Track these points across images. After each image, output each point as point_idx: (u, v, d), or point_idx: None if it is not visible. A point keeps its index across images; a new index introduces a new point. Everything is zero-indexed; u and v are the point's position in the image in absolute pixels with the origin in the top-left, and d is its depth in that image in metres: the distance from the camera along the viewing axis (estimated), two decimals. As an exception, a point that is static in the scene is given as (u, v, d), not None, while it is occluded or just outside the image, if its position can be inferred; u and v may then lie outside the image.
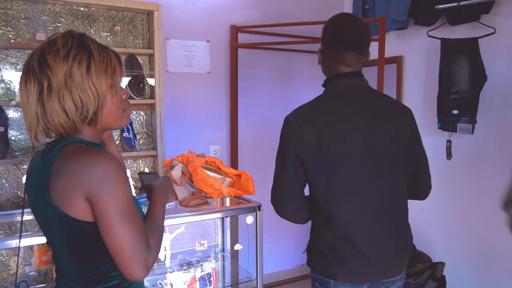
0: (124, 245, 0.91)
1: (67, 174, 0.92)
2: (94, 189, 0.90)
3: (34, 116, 0.96)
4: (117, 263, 0.93)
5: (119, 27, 2.56)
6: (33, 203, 1.03)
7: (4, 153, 2.21)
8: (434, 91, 2.59)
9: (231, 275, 2.46)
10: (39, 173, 0.99)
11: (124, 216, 0.92)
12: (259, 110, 3.21)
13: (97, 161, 0.91)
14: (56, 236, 0.99)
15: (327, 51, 1.42)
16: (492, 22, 2.41)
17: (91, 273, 1.00)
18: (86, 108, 0.96)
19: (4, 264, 2.26)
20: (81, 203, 0.92)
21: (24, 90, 0.96)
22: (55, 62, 0.94)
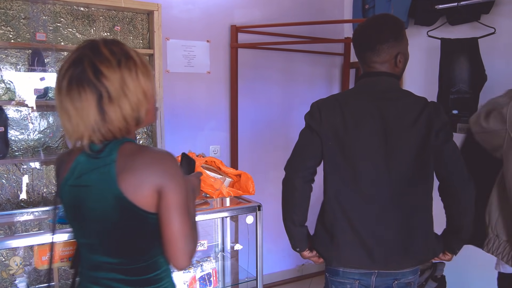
0: (179, 235, 1.02)
1: (142, 168, 1.00)
2: (165, 182, 1.01)
3: (94, 124, 0.99)
4: (168, 251, 1.04)
5: (119, 27, 2.56)
6: (79, 201, 1.06)
7: (4, 153, 2.21)
8: (434, 91, 2.59)
9: (231, 275, 2.46)
10: (91, 172, 1.04)
11: (184, 209, 1.03)
12: (259, 110, 3.21)
13: (166, 157, 1.03)
14: (116, 230, 1.05)
15: (355, 51, 1.49)
16: (492, 22, 2.41)
17: (143, 263, 1.08)
18: (139, 111, 1.04)
19: (4, 264, 2.26)
20: (152, 195, 1.01)
21: (78, 100, 0.98)
22: (109, 71, 0.99)
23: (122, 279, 1.08)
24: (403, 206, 1.38)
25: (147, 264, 1.08)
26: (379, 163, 1.37)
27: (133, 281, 1.08)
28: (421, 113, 1.36)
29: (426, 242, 1.42)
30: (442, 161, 1.38)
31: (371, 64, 1.43)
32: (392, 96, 1.40)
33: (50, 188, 2.42)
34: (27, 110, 2.35)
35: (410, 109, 1.38)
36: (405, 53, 1.45)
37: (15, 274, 2.24)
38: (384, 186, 1.37)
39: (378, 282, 1.44)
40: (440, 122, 1.37)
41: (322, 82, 3.45)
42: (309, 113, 1.48)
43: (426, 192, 1.40)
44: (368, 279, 1.43)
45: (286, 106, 3.24)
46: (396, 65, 1.43)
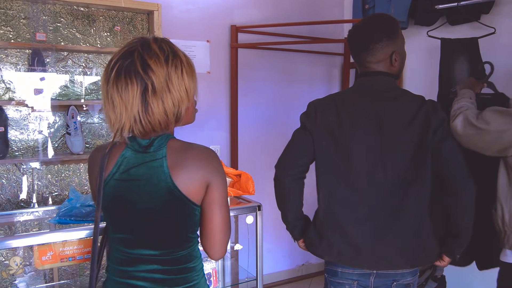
0: (220, 228, 1.12)
1: (193, 164, 1.08)
2: (213, 177, 1.10)
3: (136, 114, 1.04)
4: (208, 243, 1.13)
5: (119, 27, 2.56)
6: (125, 195, 1.10)
7: (4, 153, 2.21)
8: (434, 91, 2.58)
9: (231, 275, 2.46)
10: (140, 166, 1.09)
11: (225, 203, 1.13)
12: (259, 110, 3.21)
13: (211, 154, 1.13)
14: (164, 222, 1.09)
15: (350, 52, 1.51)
16: (492, 22, 2.41)
17: (183, 253, 1.13)
18: (180, 108, 1.08)
19: (4, 264, 2.26)
20: (201, 189, 1.09)
21: (125, 90, 1.03)
22: (157, 66, 1.04)
23: (162, 269, 1.12)
24: (398, 207, 1.36)
25: (185, 254, 1.14)
26: (374, 163, 1.36)
27: (172, 270, 1.13)
28: (418, 111, 1.35)
29: (420, 245, 1.39)
30: (441, 158, 1.36)
31: (366, 64, 1.44)
32: (388, 96, 1.40)
33: (50, 188, 2.42)
34: (27, 110, 2.35)
35: (407, 108, 1.37)
36: (401, 52, 1.45)
37: (15, 274, 2.24)
38: (379, 186, 1.36)
39: (376, 283, 1.43)
40: (437, 120, 1.35)
41: (322, 82, 3.45)
42: (305, 113, 1.49)
43: (423, 193, 1.38)
44: (367, 280, 1.43)
45: (286, 106, 3.24)
46: (392, 64, 1.42)
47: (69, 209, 1.80)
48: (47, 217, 2.00)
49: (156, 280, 1.12)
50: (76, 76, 2.47)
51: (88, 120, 2.52)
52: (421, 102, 1.38)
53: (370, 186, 1.37)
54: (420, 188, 1.37)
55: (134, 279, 1.12)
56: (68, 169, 2.46)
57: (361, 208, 1.38)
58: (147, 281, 1.12)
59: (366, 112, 1.38)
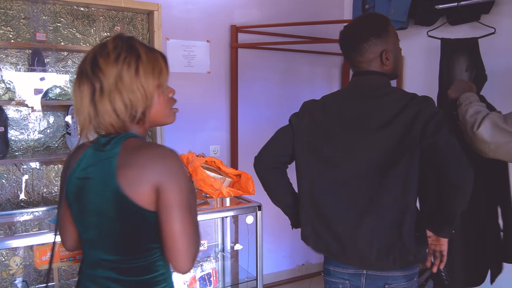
0: (181, 237, 0.98)
1: (140, 165, 0.99)
2: (164, 179, 0.98)
3: (87, 117, 1.01)
4: (168, 253, 0.99)
5: (119, 27, 2.56)
6: (82, 193, 1.06)
7: (4, 153, 2.21)
8: (434, 91, 2.58)
9: (231, 275, 2.46)
10: (95, 164, 1.04)
11: (185, 209, 0.99)
12: (259, 110, 3.21)
13: (168, 154, 1.00)
14: (113, 225, 1.03)
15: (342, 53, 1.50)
16: (492, 22, 2.41)
17: (141, 263, 1.04)
18: (135, 109, 1.02)
19: (4, 264, 2.26)
20: (150, 192, 0.98)
21: (78, 92, 1.02)
22: (106, 66, 1.00)
23: (118, 279, 1.05)
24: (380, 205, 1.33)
25: (144, 265, 1.05)
26: (356, 160, 1.35)
27: (129, 282, 1.05)
28: (406, 106, 1.31)
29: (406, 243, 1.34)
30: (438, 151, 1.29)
31: (357, 64, 1.42)
32: (378, 94, 1.38)
33: (50, 188, 2.42)
34: (27, 110, 2.35)
35: (394, 104, 1.33)
36: (393, 50, 1.41)
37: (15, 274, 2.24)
38: (361, 185, 1.35)
39: (368, 285, 1.41)
40: (428, 113, 1.29)
41: (322, 82, 3.45)
42: (297, 112, 1.52)
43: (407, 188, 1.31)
44: (358, 281, 1.42)
45: (286, 106, 3.24)
46: (384, 63, 1.39)
47: (69, 209, 1.79)
48: (47, 217, 2.00)
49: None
50: (76, 76, 2.47)
51: (88, 120, 2.52)
52: (410, 98, 1.34)
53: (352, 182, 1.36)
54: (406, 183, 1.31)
55: (96, 284, 1.08)
56: (68, 169, 2.45)
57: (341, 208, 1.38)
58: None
59: (353, 110, 1.38)
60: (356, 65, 1.43)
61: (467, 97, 1.71)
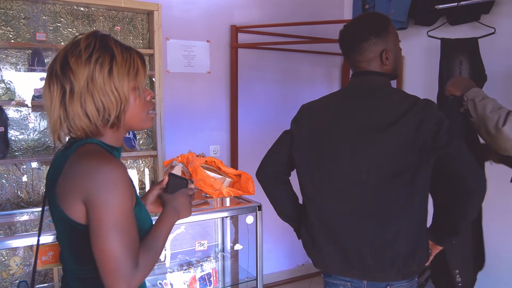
0: (109, 257, 0.89)
1: (72, 175, 0.92)
2: (92, 195, 0.89)
3: (57, 119, 0.96)
4: (100, 273, 0.91)
5: (119, 27, 2.56)
6: (48, 197, 1.02)
7: (4, 153, 2.21)
8: (434, 91, 2.58)
9: (231, 275, 2.46)
10: (55, 168, 1.00)
11: (116, 228, 0.89)
12: (259, 110, 3.21)
13: (102, 167, 0.90)
14: (59, 235, 1.01)
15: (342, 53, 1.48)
16: (492, 22, 2.41)
17: (94, 274, 0.96)
18: (108, 112, 0.95)
19: (4, 264, 2.26)
20: (79, 206, 0.91)
21: (48, 93, 0.96)
22: (77, 66, 0.93)
23: None
24: (384, 213, 1.29)
25: (97, 277, 0.96)
26: (358, 164, 1.30)
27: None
28: (408, 111, 1.27)
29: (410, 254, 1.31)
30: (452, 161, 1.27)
31: (357, 64, 1.40)
32: (378, 95, 1.34)
33: (50, 188, 2.43)
34: (27, 110, 2.35)
35: (395, 106, 1.30)
36: (393, 50, 1.38)
37: (15, 274, 2.24)
38: (363, 188, 1.30)
39: (370, 286, 1.37)
40: (435, 120, 1.26)
41: (322, 82, 3.45)
42: (295, 116, 1.50)
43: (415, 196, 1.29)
44: (360, 282, 1.38)
45: (286, 106, 3.24)
46: (384, 63, 1.37)
47: (69, 209, 1.79)
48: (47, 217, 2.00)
49: None
50: (76, 76, 2.46)
51: (88, 120, 2.52)
52: (413, 101, 1.30)
53: (354, 187, 1.31)
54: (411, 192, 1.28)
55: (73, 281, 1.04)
56: (68, 169, 2.45)
57: (346, 212, 1.33)
58: None
59: (352, 112, 1.34)
60: (355, 65, 1.40)
61: (477, 92, 1.61)
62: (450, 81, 1.71)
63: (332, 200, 1.35)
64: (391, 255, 1.30)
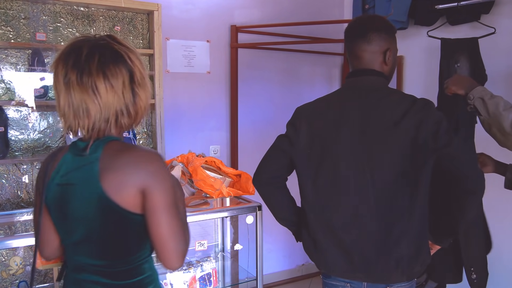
0: (169, 238, 1.00)
1: (123, 168, 0.99)
2: (149, 183, 0.99)
3: (123, 104, 1.02)
4: (158, 253, 1.02)
5: (119, 27, 2.56)
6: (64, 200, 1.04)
7: (4, 153, 2.21)
8: (434, 91, 2.58)
9: (231, 275, 2.46)
10: (76, 170, 1.03)
11: (172, 210, 1.01)
12: (259, 110, 3.21)
13: (151, 157, 1.01)
14: (99, 230, 1.03)
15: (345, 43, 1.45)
16: (492, 22, 2.41)
17: (127, 267, 1.05)
18: None
19: (4, 264, 2.26)
20: (135, 196, 0.99)
21: (114, 77, 1.00)
22: None
23: (106, 283, 1.05)
24: (388, 214, 1.29)
25: (132, 268, 1.06)
26: (361, 166, 1.29)
27: (117, 286, 1.05)
28: (408, 111, 1.27)
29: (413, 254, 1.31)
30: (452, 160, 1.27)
31: (360, 53, 1.37)
32: (377, 96, 1.34)
33: (50, 188, 2.43)
34: (27, 110, 2.35)
35: (395, 107, 1.29)
36: (394, 53, 1.41)
37: (15, 274, 2.24)
38: (367, 192, 1.29)
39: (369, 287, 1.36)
40: (434, 120, 1.26)
41: (322, 82, 3.45)
42: (290, 121, 1.46)
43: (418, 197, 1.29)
44: (360, 283, 1.37)
45: (286, 106, 3.24)
46: (385, 62, 1.37)
47: (69, 209, 1.79)
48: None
49: None
50: (76, 76, 2.46)
51: (88, 120, 2.52)
52: (412, 100, 1.31)
53: (358, 194, 1.30)
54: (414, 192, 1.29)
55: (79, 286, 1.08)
56: (68, 169, 2.46)
57: (349, 215, 1.32)
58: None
59: (352, 113, 1.32)
60: (358, 54, 1.37)
61: (484, 91, 1.57)
62: (451, 80, 1.66)
63: (335, 203, 1.34)
64: (395, 257, 1.29)
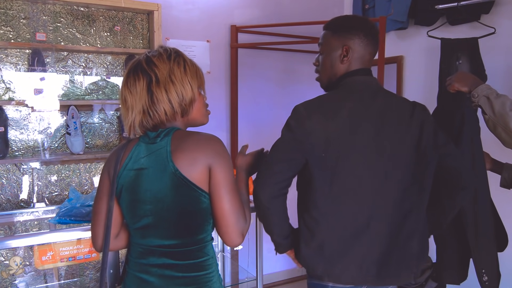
0: (231, 213, 1.11)
1: (193, 147, 1.11)
2: (215, 161, 1.11)
3: (141, 107, 1.14)
4: (220, 229, 1.12)
5: (119, 27, 2.56)
6: (136, 184, 1.14)
7: (4, 153, 2.21)
8: (434, 91, 2.59)
9: (231, 275, 2.46)
10: (149, 155, 1.14)
11: (233, 187, 1.13)
12: (259, 110, 3.21)
13: (216, 139, 1.16)
14: (171, 209, 1.11)
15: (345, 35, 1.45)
16: (492, 22, 2.41)
17: (193, 247, 1.14)
18: (184, 100, 1.16)
19: (4, 264, 2.26)
20: (204, 173, 1.10)
21: (133, 84, 1.15)
22: (160, 62, 1.15)
23: (173, 263, 1.13)
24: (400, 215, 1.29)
25: (197, 249, 1.15)
26: (378, 172, 1.27)
27: (183, 266, 1.13)
28: (413, 112, 1.31)
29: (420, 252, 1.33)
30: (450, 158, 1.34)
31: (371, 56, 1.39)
32: (386, 95, 1.35)
33: (50, 188, 2.42)
34: (27, 110, 2.35)
35: (402, 108, 1.31)
36: None
37: (15, 274, 2.24)
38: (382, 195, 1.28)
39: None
40: (431, 121, 1.33)
41: (322, 82, 3.45)
42: (295, 119, 1.31)
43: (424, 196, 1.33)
44: None
45: (286, 106, 3.23)
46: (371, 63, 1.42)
47: (69, 209, 1.80)
48: (47, 217, 2.00)
49: (166, 276, 1.13)
50: (76, 76, 2.47)
51: (88, 120, 2.52)
52: (412, 102, 1.35)
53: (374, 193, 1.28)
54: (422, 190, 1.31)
55: (147, 273, 1.15)
56: (68, 169, 2.45)
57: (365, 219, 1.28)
58: (157, 277, 1.13)
59: (365, 115, 1.29)
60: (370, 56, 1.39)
61: (489, 89, 1.53)
62: (455, 77, 1.61)
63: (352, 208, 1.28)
64: (406, 256, 1.31)
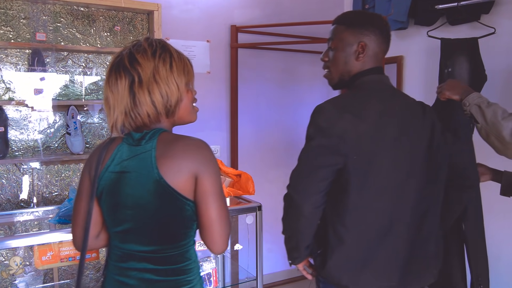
0: (217, 221, 1.08)
1: (180, 154, 1.06)
2: (202, 168, 1.06)
3: (124, 108, 1.07)
4: (206, 237, 1.09)
5: (119, 27, 2.56)
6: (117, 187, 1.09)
7: (4, 153, 2.21)
8: (433, 91, 2.58)
9: (231, 275, 2.46)
10: (132, 158, 1.09)
11: (220, 195, 1.10)
12: (259, 110, 3.21)
13: (204, 145, 1.10)
14: (152, 216, 1.07)
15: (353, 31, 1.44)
16: (492, 22, 2.41)
17: (174, 252, 1.10)
18: (169, 101, 1.09)
19: (4, 264, 2.26)
20: (190, 180, 1.06)
21: (115, 84, 1.08)
22: (144, 60, 1.07)
23: (153, 268, 1.10)
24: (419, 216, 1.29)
25: (179, 254, 1.11)
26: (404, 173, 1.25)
27: (164, 270, 1.10)
28: (424, 112, 1.31)
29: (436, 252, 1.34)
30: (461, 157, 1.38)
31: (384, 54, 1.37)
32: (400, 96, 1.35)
33: (50, 188, 2.42)
34: (27, 110, 2.35)
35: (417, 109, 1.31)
36: None
37: (15, 274, 2.24)
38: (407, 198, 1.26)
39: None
40: (437, 122, 1.33)
41: (322, 82, 3.43)
42: (325, 120, 1.22)
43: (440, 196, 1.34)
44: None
45: (286, 106, 3.24)
46: None
47: (69, 209, 1.80)
48: (47, 217, 2.00)
49: (145, 280, 1.10)
50: (76, 76, 2.47)
51: (88, 120, 2.52)
52: (420, 102, 1.36)
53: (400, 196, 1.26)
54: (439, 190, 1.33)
55: (127, 277, 1.11)
56: (68, 169, 2.45)
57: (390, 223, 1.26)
58: (137, 280, 1.10)
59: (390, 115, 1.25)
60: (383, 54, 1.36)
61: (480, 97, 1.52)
62: (446, 85, 1.61)
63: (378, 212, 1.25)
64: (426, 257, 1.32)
